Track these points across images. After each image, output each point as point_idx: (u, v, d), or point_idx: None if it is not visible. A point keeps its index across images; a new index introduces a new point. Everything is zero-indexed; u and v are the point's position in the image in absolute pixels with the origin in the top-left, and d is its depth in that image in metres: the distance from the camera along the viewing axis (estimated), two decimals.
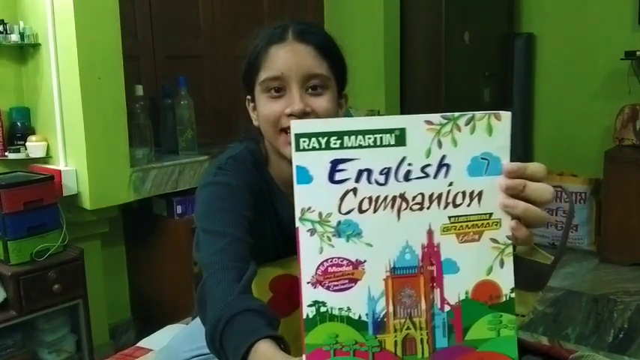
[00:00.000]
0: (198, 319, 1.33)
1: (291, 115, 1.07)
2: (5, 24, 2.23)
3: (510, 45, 4.16)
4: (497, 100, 4.06)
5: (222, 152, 1.23)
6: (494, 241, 0.77)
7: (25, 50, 2.34)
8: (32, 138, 2.31)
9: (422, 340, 0.74)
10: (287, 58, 1.09)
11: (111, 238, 2.60)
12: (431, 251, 0.74)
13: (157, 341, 1.44)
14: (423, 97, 3.59)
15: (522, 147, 4.30)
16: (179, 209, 2.53)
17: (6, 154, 2.28)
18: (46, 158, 2.33)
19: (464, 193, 0.75)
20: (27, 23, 2.28)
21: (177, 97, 2.61)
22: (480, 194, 0.76)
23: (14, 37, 2.24)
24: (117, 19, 2.26)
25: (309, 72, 1.09)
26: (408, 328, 0.74)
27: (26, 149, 2.30)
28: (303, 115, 1.07)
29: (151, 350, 1.41)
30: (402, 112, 3.62)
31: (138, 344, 1.49)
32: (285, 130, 1.09)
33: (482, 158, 0.78)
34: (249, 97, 1.19)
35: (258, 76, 1.12)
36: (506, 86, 4.17)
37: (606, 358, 1.41)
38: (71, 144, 2.28)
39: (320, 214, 0.71)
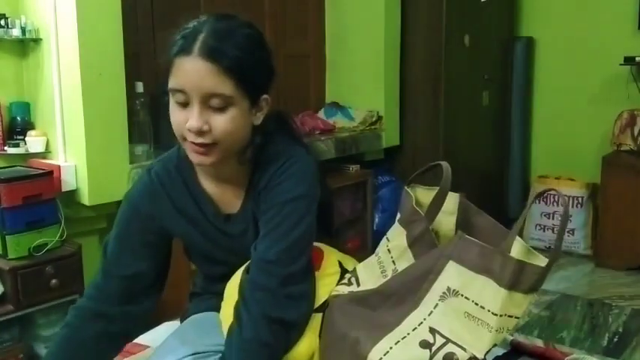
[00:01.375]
0: (189, 319, 1.34)
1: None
2: (7, 18, 2.23)
3: (510, 48, 4.17)
4: (496, 104, 4.07)
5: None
6: None
7: (26, 45, 2.35)
8: (32, 133, 2.31)
9: None
10: (189, 75, 1.07)
11: (109, 235, 2.59)
12: None
13: (154, 338, 1.44)
14: (422, 98, 3.60)
15: (520, 151, 4.31)
16: None
17: (5, 148, 2.28)
18: (46, 153, 2.33)
19: None
20: (28, 18, 2.28)
21: None
22: None
23: (15, 32, 2.24)
24: (119, 16, 2.26)
25: (210, 91, 1.07)
26: None
27: (26, 144, 2.30)
28: (200, 132, 1.08)
29: (148, 347, 1.42)
30: (401, 113, 3.63)
31: (135, 340, 1.49)
32: (187, 140, 1.11)
33: None
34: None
35: (168, 80, 1.11)
36: (506, 89, 4.18)
37: None
38: (71, 139, 2.28)
39: None
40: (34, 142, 2.30)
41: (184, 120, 1.09)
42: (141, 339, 1.49)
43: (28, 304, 2.08)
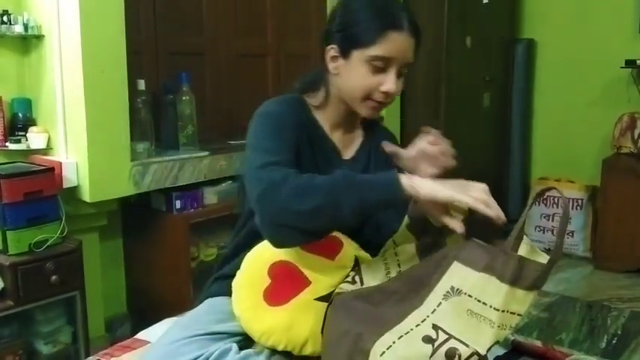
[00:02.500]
0: (196, 310, 1.35)
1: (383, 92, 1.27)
2: (9, 15, 2.23)
3: (511, 50, 4.18)
4: (497, 105, 4.08)
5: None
6: None
7: (29, 41, 2.35)
8: (33, 129, 2.31)
9: None
10: (401, 47, 1.26)
11: (109, 232, 2.60)
12: None
13: (156, 334, 1.44)
14: (423, 99, 3.60)
15: (521, 153, 4.32)
16: (178, 204, 2.53)
17: (7, 144, 2.28)
18: (47, 150, 2.34)
19: None
20: (31, 14, 2.28)
21: (178, 92, 2.61)
22: None
23: (18, 28, 2.24)
24: (121, 14, 2.26)
25: (409, 62, 1.29)
26: None
27: (27, 140, 2.30)
28: (391, 95, 1.29)
29: (150, 342, 1.42)
30: (402, 115, 3.63)
31: (136, 336, 1.50)
32: (372, 99, 1.28)
33: None
34: (334, 47, 1.30)
35: (367, 48, 1.24)
36: (506, 91, 4.18)
37: None
38: (72, 136, 2.28)
39: None
40: (35, 139, 2.30)
41: (377, 83, 1.26)
42: (141, 334, 1.49)
43: (28, 300, 2.08)
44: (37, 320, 2.19)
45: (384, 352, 1.01)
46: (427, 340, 1.00)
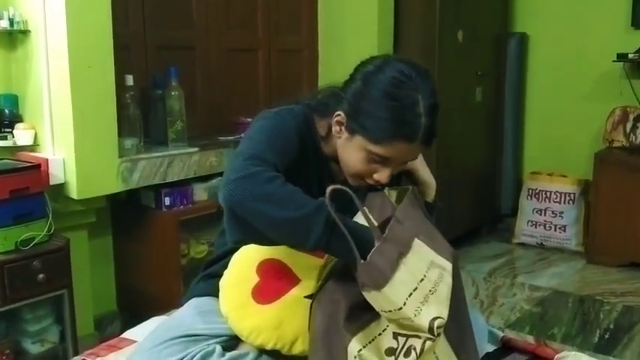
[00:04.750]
0: (181, 310, 1.33)
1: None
2: None
3: (503, 44, 4.16)
4: (489, 100, 4.07)
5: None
6: None
7: (15, 37, 2.31)
8: (20, 126, 2.28)
9: None
10: (406, 155, 1.18)
11: (97, 229, 2.58)
12: None
13: (143, 332, 1.42)
14: None
15: (513, 147, 4.31)
16: (167, 201, 2.51)
17: None
18: (34, 146, 2.31)
19: None
20: (17, 9, 2.25)
21: (167, 88, 2.58)
22: None
23: (3, 23, 2.21)
24: (108, 8, 2.23)
25: (412, 160, 1.23)
26: None
27: (13, 137, 2.27)
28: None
29: (136, 342, 1.40)
30: None
31: (123, 335, 1.48)
32: (363, 179, 1.21)
33: None
34: (343, 116, 1.21)
35: (371, 141, 1.15)
36: (499, 86, 4.17)
37: (592, 358, 1.41)
38: (59, 132, 2.25)
39: None
40: (21, 135, 2.27)
41: (371, 171, 1.19)
42: (128, 333, 1.48)
43: (15, 299, 2.06)
44: (25, 319, 2.17)
45: (360, 350, 1.01)
46: (390, 352, 1.01)
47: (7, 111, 2.30)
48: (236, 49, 3.03)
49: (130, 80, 2.46)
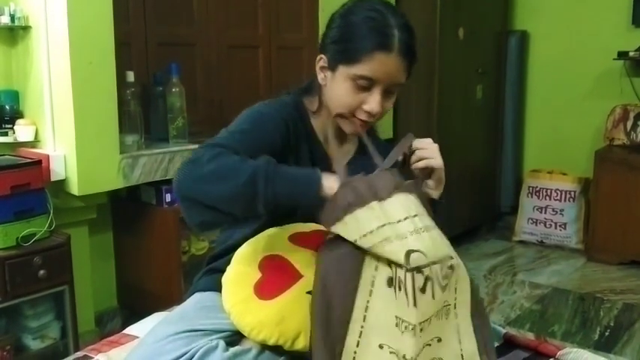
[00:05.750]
0: (184, 305, 1.33)
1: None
2: None
3: (504, 42, 4.16)
4: (490, 97, 4.07)
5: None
6: None
7: (16, 32, 2.31)
8: (20, 122, 2.28)
9: None
10: (388, 69, 1.21)
11: (98, 225, 2.58)
12: None
13: (145, 328, 1.42)
14: (415, 92, 3.58)
15: (513, 145, 4.31)
16: (168, 197, 2.51)
17: None
18: (35, 142, 2.30)
19: None
20: (18, 5, 2.24)
21: (168, 84, 2.58)
22: None
23: (4, 19, 2.21)
24: (109, 4, 2.23)
25: (396, 82, 1.24)
26: None
27: (14, 133, 2.27)
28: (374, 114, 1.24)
29: (138, 337, 1.40)
30: (395, 107, 3.60)
31: (124, 331, 1.48)
32: (355, 117, 1.25)
33: None
34: (323, 57, 1.28)
35: (352, 65, 1.21)
36: (499, 83, 4.17)
37: (594, 354, 1.41)
38: (60, 129, 2.25)
39: None
40: (22, 131, 2.27)
41: (360, 101, 1.23)
42: (130, 329, 1.47)
43: (16, 295, 2.05)
44: (26, 315, 2.17)
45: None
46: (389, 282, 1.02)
47: (7, 107, 2.30)
48: (237, 46, 3.02)
49: (130, 77, 2.45)
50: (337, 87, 1.25)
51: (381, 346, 1.00)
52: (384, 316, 1.00)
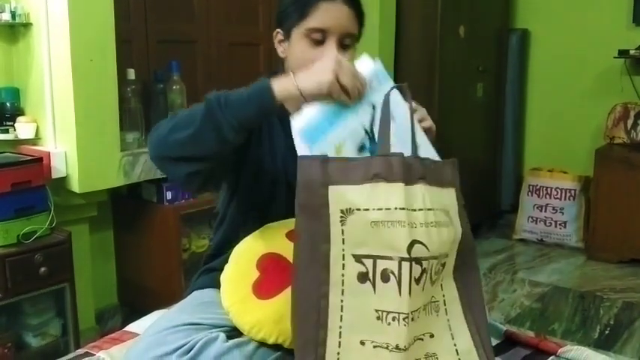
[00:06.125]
0: (183, 302, 1.33)
1: None
2: None
3: (505, 40, 4.16)
4: (490, 96, 4.06)
5: None
6: None
7: (16, 30, 2.31)
8: (21, 119, 2.28)
9: None
10: (334, 17, 1.25)
11: (99, 223, 2.58)
12: None
13: (145, 326, 1.42)
14: (416, 89, 3.57)
15: (513, 143, 4.31)
16: (169, 195, 2.51)
17: None
18: (35, 140, 2.30)
19: None
20: (19, 2, 2.24)
21: (169, 81, 2.58)
22: None
23: (5, 16, 2.20)
24: (110, 1, 2.23)
25: (348, 31, 1.28)
26: None
27: (15, 130, 2.27)
28: None
29: (139, 335, 1.40)
30: None
31: (125, 328, 1.48)
32: None
33: None
34: (280, 31, 1.34)
35: (301, 22, 1.26)
36: (500, 81, 4.16)
37: (595, 352, 1.41)
38: (61, 126, 2.25)
39: None
40: (23, 129, 2.27)
41: (317, 57, 1.22)
42: (131, 327, 1.48)
43: (17, 293, 2.06)
44: (26, 312, 2.17)
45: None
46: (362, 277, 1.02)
47: (8, 104, 2.30)
48: (237, 43, 3.02)
49: (131, 74, 2.46)
50: (294, 50, 1.29)
51: (362, 343, 1.00)
52: (361, 312, 1.00)
